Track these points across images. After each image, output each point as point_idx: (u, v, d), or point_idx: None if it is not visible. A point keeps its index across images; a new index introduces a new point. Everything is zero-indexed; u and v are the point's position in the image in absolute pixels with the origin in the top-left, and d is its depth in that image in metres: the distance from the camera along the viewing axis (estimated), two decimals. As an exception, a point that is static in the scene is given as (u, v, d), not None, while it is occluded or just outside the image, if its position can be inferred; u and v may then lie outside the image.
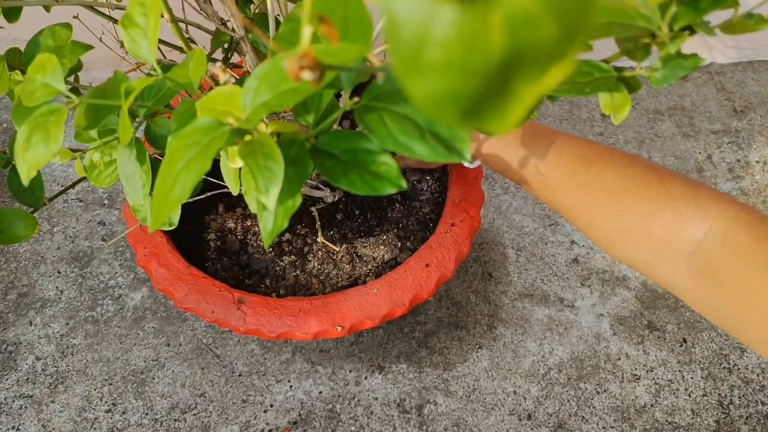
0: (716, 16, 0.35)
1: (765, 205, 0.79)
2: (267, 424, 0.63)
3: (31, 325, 0.70)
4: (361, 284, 0.53)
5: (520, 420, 0.64)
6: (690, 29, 0.37)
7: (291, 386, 0.66)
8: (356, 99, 0.29)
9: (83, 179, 0.42)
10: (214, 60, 0.46)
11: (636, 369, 0.68)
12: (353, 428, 0.63)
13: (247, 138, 0.29)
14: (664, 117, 0.88)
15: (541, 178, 0.42)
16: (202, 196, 0.59)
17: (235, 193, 0.33)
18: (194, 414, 0.64)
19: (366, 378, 0.66)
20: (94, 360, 0.67)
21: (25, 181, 0.34)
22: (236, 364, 0.67)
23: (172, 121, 0.34)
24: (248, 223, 0.59)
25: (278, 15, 0.40)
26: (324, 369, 0.66)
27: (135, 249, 0.54)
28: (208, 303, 0.50)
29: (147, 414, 0.64)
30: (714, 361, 0.68)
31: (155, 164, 0.35)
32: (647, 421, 0.65)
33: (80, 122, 0.34)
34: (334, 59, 0.24)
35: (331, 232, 0.58)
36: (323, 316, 0.50)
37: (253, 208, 0.31)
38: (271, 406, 0.65)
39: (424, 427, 0.64)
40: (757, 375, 0.67)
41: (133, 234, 0.54)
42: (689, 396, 0.66)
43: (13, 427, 0.63)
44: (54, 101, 0.32)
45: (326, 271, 0.56)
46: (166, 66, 0.39)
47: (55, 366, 0.67)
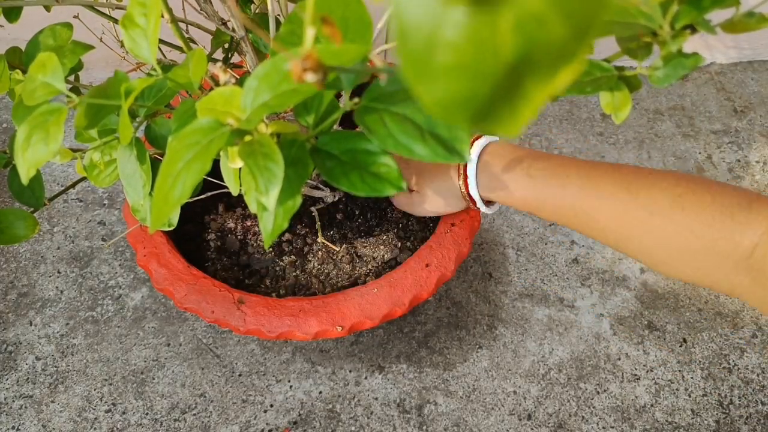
0: (717, 15, 0.35)
1: (765, 205, 0.79)
2: (267, 424, 0.63)
3: (31, 325, 0.70)
4: (361, 284, 0.53)
5: (520, 420, 0.64)
6: (691, 28, 0.37)
7: (291, 386, 0.66)
8: (356, 100, 0.29)
9: (83, 179, 0.42)
10: (215, 60, 0.46)
11: (636, 369, 0.68)
12: (353, 428, 0.63)
13: (247, 138, 0.29)
14: (665, 117, 0.88)
15: (579, 212, 0.42)
16: (202, 197, 0.58)
17: (235, 194, 0.33)
18: (194, 414, 0.64)
19: (366, 378, 0.66)
20: (94, 360, 0.67)
21: (25, 181, 0.34)
22: (236, 364, 0.67)
23: (173, 121, 0.34)
24: (248, 223, 0.59)
25: (278, 15, 0.40)
26: (324, 369, 0.66)
27: (135, 249, 0.54)
28: (208, 303, 0.50)
29: (147, 414, 0.64)
30: (714, 361, 0.68)
31: (155, 164, 0.35)
32: (647, 421, 0.65)
33: (80, 122, 0.34)
34: (335, 60, 0.24)
35: (331, 232, 0.58)
36: (323, 316, 0.50)
37: (253, 209, 0.31)
38: (271, 406, 0.65)
39: (424, 427, 0.64)
40: (757, 375, 0.67)
41: (133, 234, 0.54)
42: (689, 396, 0.66)
43: (13, 427, 0.63)
44: (54, 101, 0.32)
45: (326, 271, 0.56)
46: (167, 66, 0.39)
47: (55, 366, 0.67)
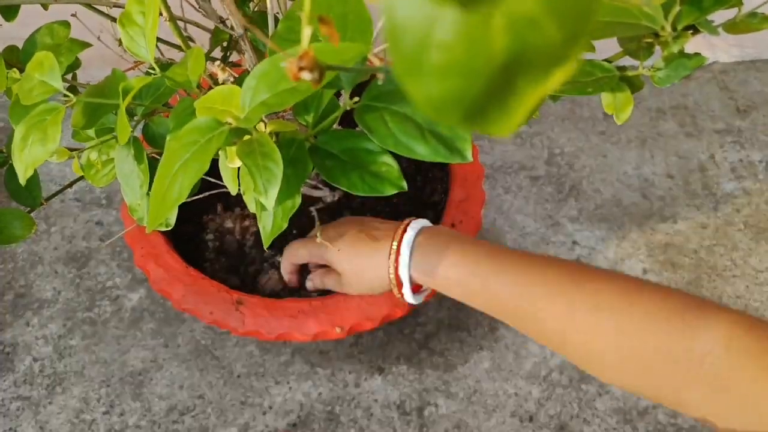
0: (719, 15, 0.35)
1: None
2: (266, 426, 0.63)
3: (29, 326, 0.69)
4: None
5: (522, 422, 0.64)
6: (693, 28, 0.37)
7: (290, 388, 0.65)
8: (356, 99, 0.29)
9: (81, 179, 0.42)
10: (213, 59, 0.46)
11: (638, 371, 0.68)
12: (353, 430, 0.63)
13: (246, 137, 0.28)
14: (667, 116, 0.87)
15: (521, 305, 0.39)
16: (201, 196, 0.58)
17: (234, 193, 0.32)
18: (193, 416, 0.64)
19: (366, 380, 0.66)
20: (92, 361, 0.67)
21: (23, 181, 0.34)
22: (235, 366, 0.66)
23: (171, 120, 0.34)
24: (247, 223, 0.59)
25: (277, 13, 0.39)
26: (323, 370, 0.66)
27: (133, 249, 0.53)
28: (207, 304, 0.50)
29: (145, 416, 0.64)
30: (716, 363, 0.68)
31: (153, 163, 0.35)
32: (650, 423, 0.64)
33: (78, 121, 0.34)
34: (334, 59, 0.23)
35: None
36: (322, 317, 0.50)
37: (252, 209, 0.31)
38: (270, 408, 0.64)
39: (425, 429, 0.63)
40: (760, 377, 0.67)
41: (131, 234, 0.54)
42: (691, 398, 0.66)
43: (11, 429, 0.63)
44: (51, 100, 0.32)
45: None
46: (165, 64, 0.39)
47: (53, 367, 0.67)
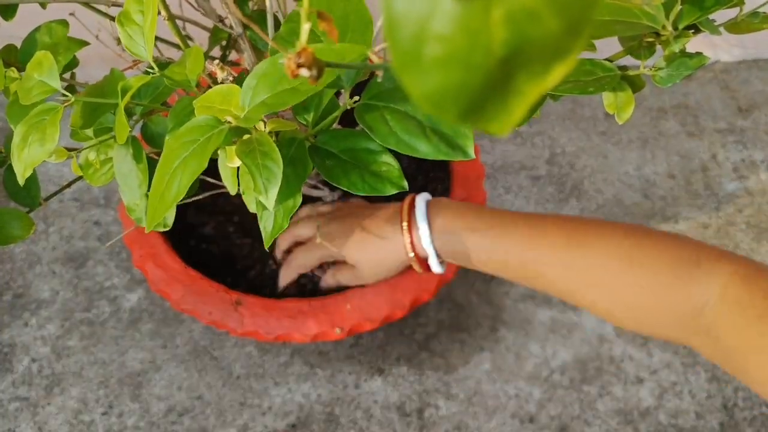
0: (721, 15, 0.35)
1: (768, 206, 0.79)
2: (265, 427, 0.63)
3: (27, 327, 0.69)
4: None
5: (522, 423, 0.64)
6: (694, 28, 0.36)
7: (289, 389, 0.65)
8: (356, 98, 0.29)
9: (79, 179, 0.42)
10: (212, 58, 0.45)
11: (640, 371, 0.67)
12: (352, 431, 0.63)
13: (246, 137, 0.28)
14: (668, 115, 0.87)
15: (526, 264, 0.41)
16: (200, 197, 0.58)
17: (233, 193, 0.32)
18: (191, 417, 0.63)
19: (366, 381, 0.65)
20: (90, 362, 0.67)
21: (21, 181, 0.34)
22: (234, 367, 0.66)
23: (169, 120, 0.34)
24: (246, 224, 0.59)
25: (276, 12, 0.39)
26: (323, 371, 0.66)
27: (131, 250, 0.53)
28: (206, 304, 0.50)
29: (143, 416, 0.63)
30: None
31: (152, 163, 0.34)
32: (651, 424, 0.64)
33: (76, 121, 0.34)
34: (335, 58, 0.23)
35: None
36: (322, 318, 0.49)
37: (253, 209, 0.30)
38: (269, 409, 0.64)
39: (425, 431, 0.63)
40: (761, 378, 0.67)
41: (130, 235, 0.53)
42: (693, 398, 0.66)
43: (9, 430, 0.63)
44: (50, 99, 0.32)
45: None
46: (163, 63, 0.39)
47: (51, 368, 0.67)
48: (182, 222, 0.58)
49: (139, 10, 0.34)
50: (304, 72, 0.17)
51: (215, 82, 0.31)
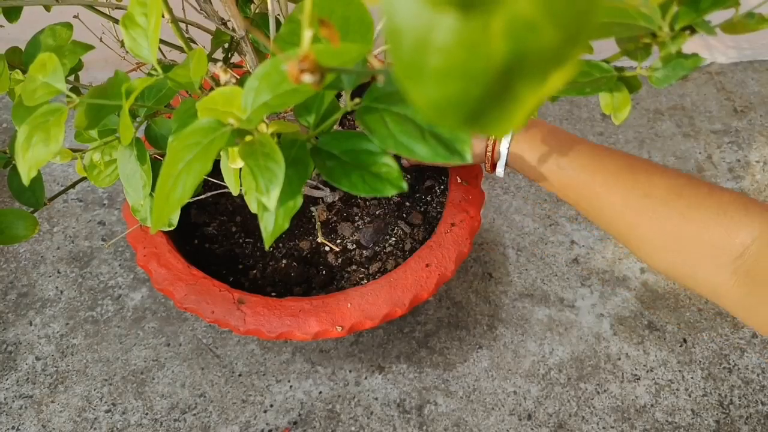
0: (717, 16, 0.35)
1: (765, 205, 0.79)
2: (267, 424, 0.63)
3: (31, 325, 0.70)
4: (361, 284, 0.53)
5: (520, 420, 0.64)
6: (691, 29, 0.37)
7: (291, 386, 0.66)
8: (357, 100, 0.29)
9: (83, 179, 0.42)
10: (215, 60, 0.46)
11: (636, 369, 0.68)
12: (353, 428, 0.63)
13: (248, 138, 0.28)
14: (665, 117, 0.88)
15: (580, 187, 0.43)
16: (202, 197, 0.58)
17: (236, 194, 0.33)
18: (194, 414, 0.64)
19: (366, 378, 0.66)
20: (94, 360, 0.67)
21: (26, 181, 0.34)
22: (236, 365, 0.67)
23: (173, 121, 0.34)
24: (248, 223, 0.59)
25: (278, 15, 0.40)
26: (324, 369, 0.66)
27: (135, 249, 0.54)
28: (208, 303, 0.50)
29: (147, 414, 0.64)
30: (714, 361, 0.68)
31: (155, 164, 0.35)
32: (647, 421, 0.65)
33: (81, 122, 0.34)
34: (335, 60, 0.23)
35: (331, 233, 0.58)
36: (323, 316, 0.50)
37: (254, 209, 0.31)
38: (271, 406, 0.65)
39: (424, 428, 0.64)
40: (757, 375, 0.67)
41: (133, 234, 0.54)
42: (689, 396, 0.66)
43: (13, 427, 0.63)
44: (54, 101, 0.32)
45: (326, 271, 0.56)
46: (167, 66, 0.39)
47: (55, 366, 0.67)
48: (185, 222, 0.59)
49: (143, 13, 0.35)
50: (308, 78, 0.17)
51: (218, 85, 0.32)
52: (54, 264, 0.74)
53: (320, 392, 0.65)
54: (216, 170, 0.35)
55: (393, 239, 0.57)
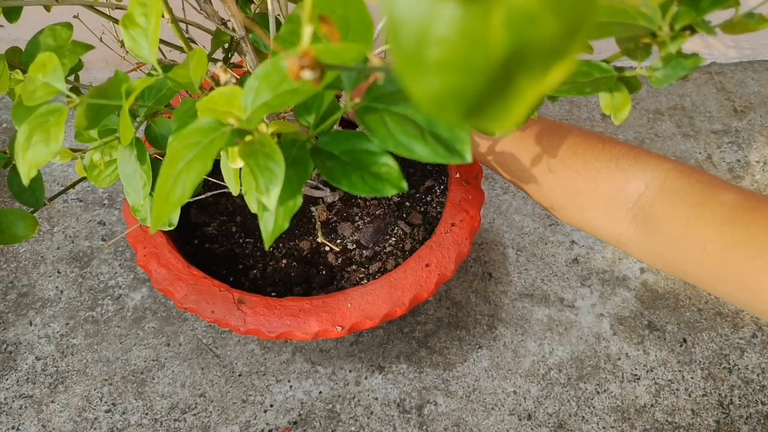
0: (717, 16, 0.35)
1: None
2: (267, 424, 0.63)
3: (31, 325, 0.70)
4: (361, 284, 0.53)
5: (520, 420, 0.64)
6: (691, 29, 0.37)
7: (291, 386, 0.66)
8: (357, 100, 0.29)
9: (83, 179, 0.42)
10: (215, 60, 0.46)
11: (636, 369, 0.68)
12: (353, 428, 0.63)
13: (248, 138, 0.29)
14: (665, 117, 0.88)
15: (505, 155, 0.44)
16: (202, 196, 0.58)
17: (236, 194, 0.33)
18: (194, 414, 0.64)
19: (366, 378, 0.66)
20: (94, 360, 0.67)
21: (26, 181, 0.34)
22: (236, 364, 0.67)
23: (173, 121, 0.34)
24: (248, 223, 0.59)
25: (278, 15, 0.40)
26: (324, 369, 0.66)
27: (135, 249, 0.54)
28: (208, 303, 0.50)
29: (147, 414, 0.64)
30: (714, 361, 0.68)
31: (155, 164, 0.35)
32: (647, 421, 0.65)
33: (81, 122, 0.34)
34: (335, 59, 0.23)
35: (331, 233, 0.58)
36: (323, 316, 0.50)
37: (254, 209, 0.31)
38: (271, 406, 0.65)
39: (424, 427, 0.64)
40: (757, 375, 0.67)
41: (133, 234, 0.54)
42: (689, 396, 0.66)
43: (13, 427, 0.63)
44: (54, 101, 0.32)
45: (326, 271, 0.56)
46: (167, 66, 0.39)
47: (55, 366, 0.67)
48: (185, 221, 0.59)
49: (143, 13, 0.35)
50: (307, 74, 0.17)
51: (218, 85, 0.32)
52: (54, 264, 0.74)
53: (320, 392, 0.65)
54: (216, 170, 0.35)
55: (393, 239, 0.57)
